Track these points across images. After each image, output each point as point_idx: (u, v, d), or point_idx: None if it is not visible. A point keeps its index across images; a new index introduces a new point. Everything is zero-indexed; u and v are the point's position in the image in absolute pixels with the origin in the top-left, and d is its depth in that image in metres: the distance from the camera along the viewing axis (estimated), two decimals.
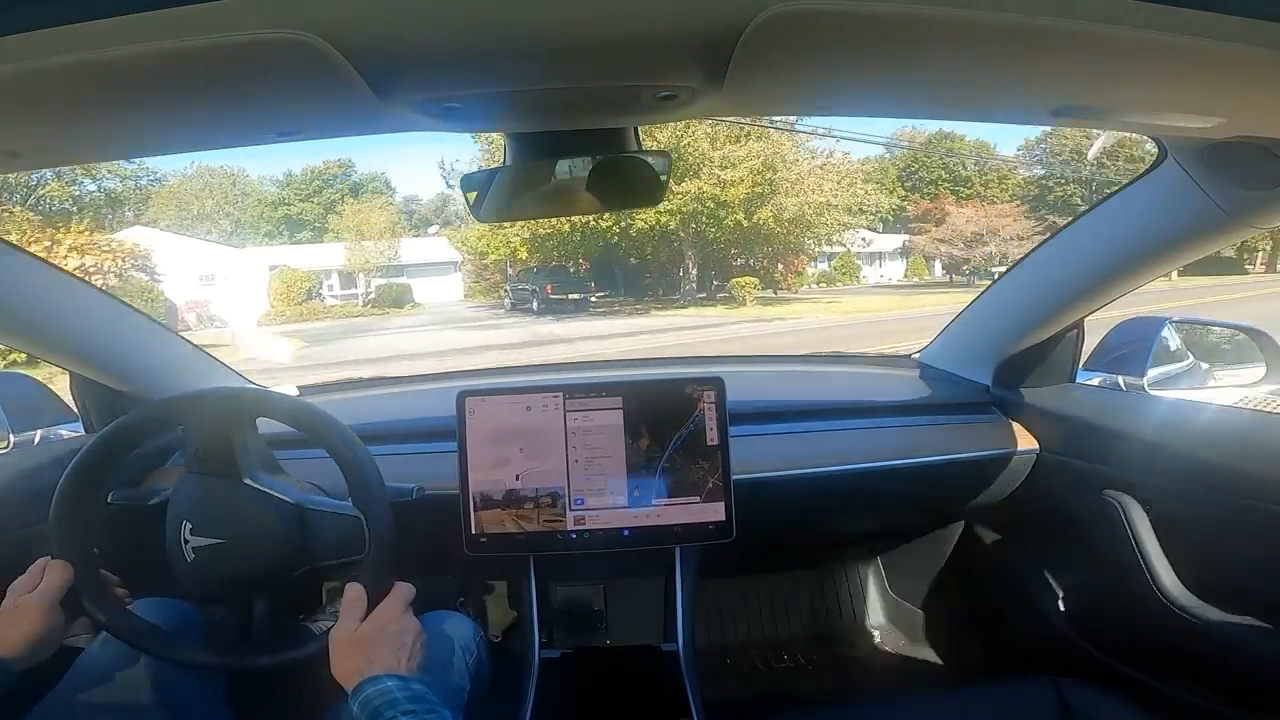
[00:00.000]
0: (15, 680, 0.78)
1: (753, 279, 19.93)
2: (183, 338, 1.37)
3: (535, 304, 19.00)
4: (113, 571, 0.94)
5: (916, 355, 1.68)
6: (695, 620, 1.30)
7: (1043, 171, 32.51)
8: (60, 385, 1.35)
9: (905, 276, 30.88)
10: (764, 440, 1.36)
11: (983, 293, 1.48)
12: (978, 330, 1.51)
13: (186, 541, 0.90)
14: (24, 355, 1.19)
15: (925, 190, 32.35)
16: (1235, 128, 0.73)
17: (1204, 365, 1.45)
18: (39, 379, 1.38)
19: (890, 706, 1.02)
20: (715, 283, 21.98)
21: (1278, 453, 1.01)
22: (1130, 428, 1.20)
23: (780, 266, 22.02)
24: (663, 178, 0.82)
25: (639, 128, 0.81)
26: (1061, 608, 1.39)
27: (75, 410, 1.32)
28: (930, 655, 1.66)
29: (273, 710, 1.06)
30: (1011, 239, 25.27)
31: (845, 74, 0.60)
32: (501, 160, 0.82)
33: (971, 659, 1.61)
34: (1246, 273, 33.61)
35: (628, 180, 0.82)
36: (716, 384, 1.22)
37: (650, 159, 0.81)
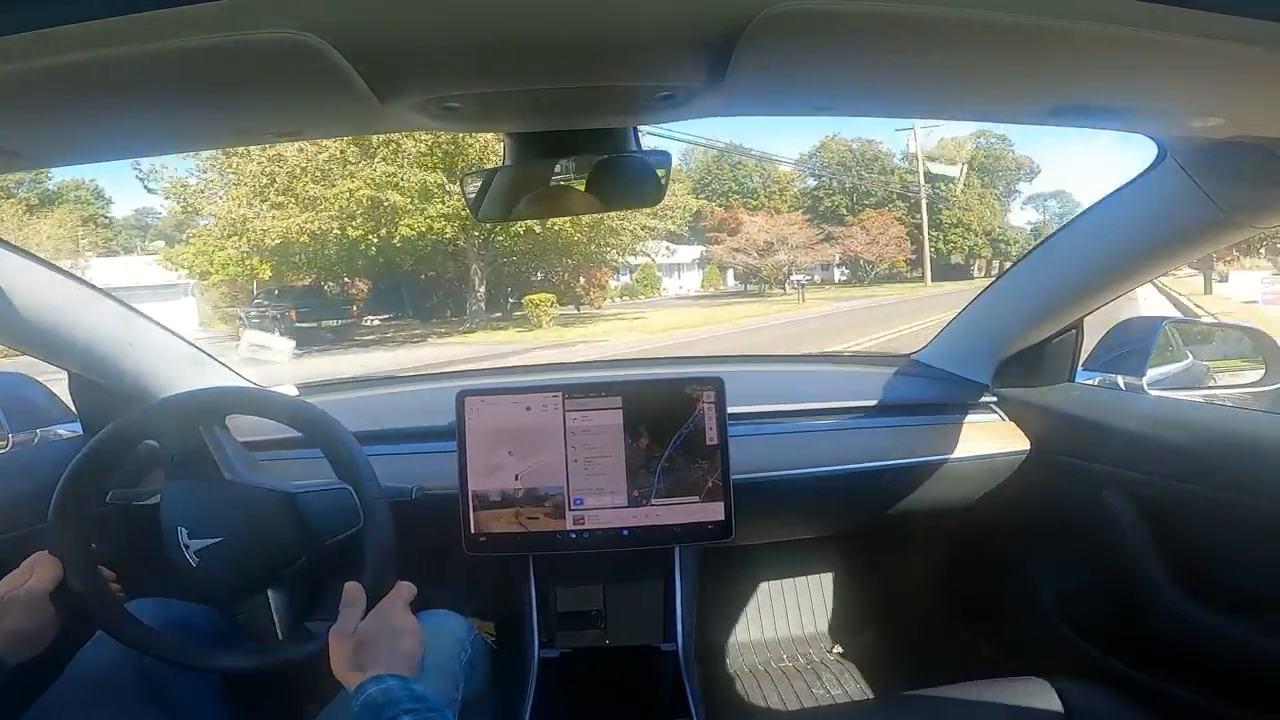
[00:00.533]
0: (6, 675, 0.78)
1: (548, 296, 17.07)
2: (182, 338, 1.36)
3: (277, 333, 14.59)
4: (112, 571, 0.94)
5: (915, 355, 1.68)
6: (694, 620, 1.31)
7: (815, 182, 34.12)
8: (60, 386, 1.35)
9: (702, 287, 31.05)
10: (763, 440, 1.36)
11: (983, 292, 1.48)
12: (976, 330, 1.51)
13: (187, 546, 0.90)
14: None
15: (718, 201, 33.31)
16: (1234, 127, 0.73)
17: (1203, 365, 1.45)
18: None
19: (889, 705, 1.02)
20: (511, 301, 19.45)
21: (1275, 452, 1.01)
22: (1129, 427, 1.20)
23: (582, 280, 19.98)
24: (662, 177, 0.82)
25: (638, 128, 0.81)
26: (1060, 607, 1.39)
27: (74, 410, 1.32)
28: (929, 654, 1.66)
29: (267, 709, 1.06)
30: (799, 247, 25.99)
31: (845, 73, 0.60)
32: (501, 160, 0.82)
33: (970, 658, 1.61)
34: (974, 278, 35.96)
35: (627, 180, 0.82)
36: (716, 384, 1.22)
37: (650, 158, 0.81)
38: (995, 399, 1.46)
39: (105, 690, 0.88)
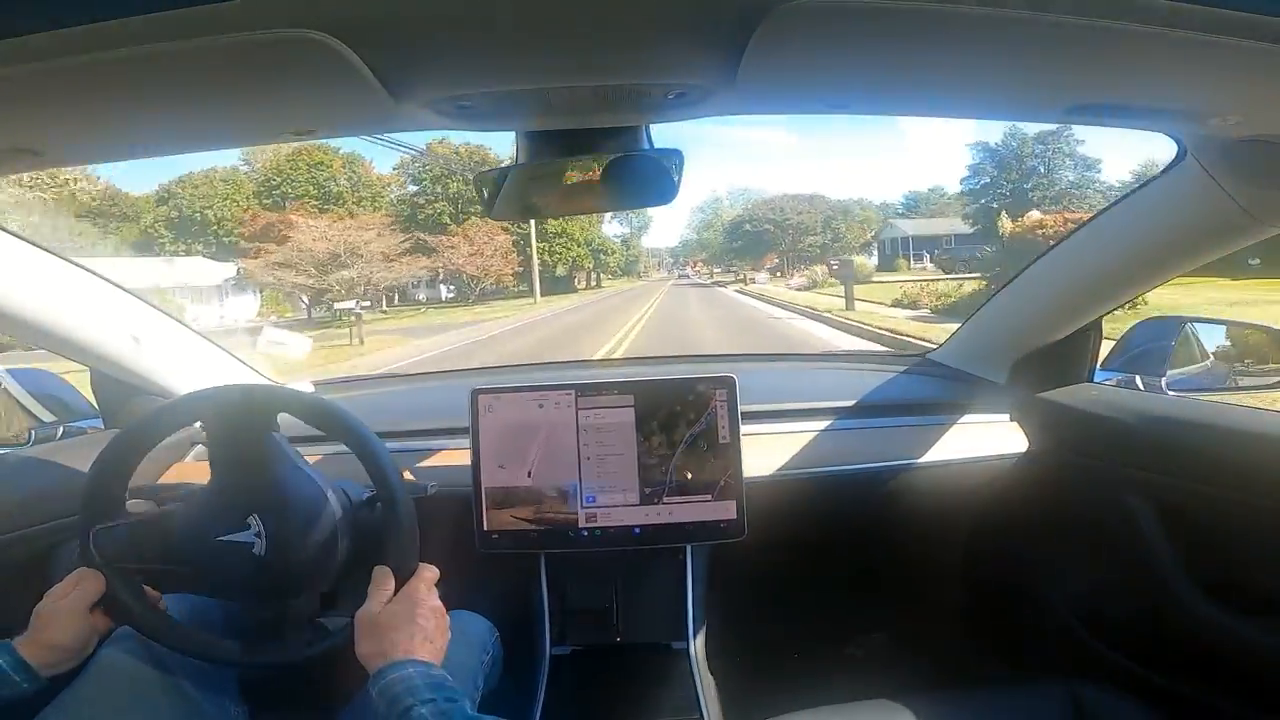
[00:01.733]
0: (45, 684, 0.80)
1: None
2: (201, 334, 1.38)
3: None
4: (139, 570, 0.94)
5: (930, 354, 1.67)
6: (706, 618, 1.31)
7: (416, 188, 31.44)
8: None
9: (260, 314, 24.00)
10: (776, 439, 1.36)
11: (999, 290, 1.47)
12: (993, 329, 1.50)
13: (251, 536, 0.88)
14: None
15: (290, 208, 26.87)
16: (1255, 126, 0.72)
17: (1224, 366, 1.43)
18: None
19: (902, 708, 1.02)
20: None
21: None
22: (1148, 428, 1.19)
23: None
24: (675, 176, 0.82)
25: (651, 126, 0.81)
26: (1075, 609, 1.37)
27: (95, 406, 1.34)
28: (943, 657, 1.64)
29: (285, 707, 1.07)
30: (378, 258, 20.66)
31: (859, 70, 0.60)
32: (515, 158, 0.82)
33: (984, 660, 1.59)
34: (577, 290, 34.59)
35: (641, 178, 0.82)
36: (728, 382, 1.22)
37: (663, 157, 0.81)
38: (1011, 399, 1.44)
39: (127, 687, 0.88)
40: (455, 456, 1.28)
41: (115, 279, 1.18)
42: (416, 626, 0.81)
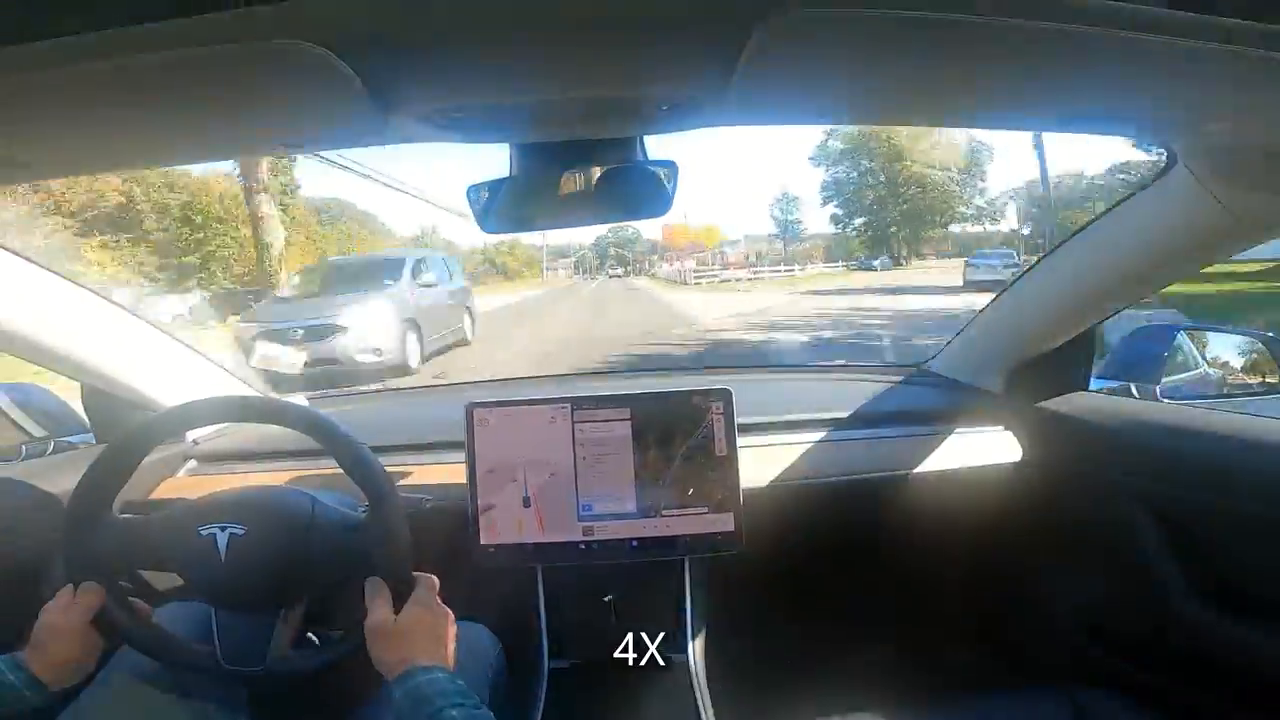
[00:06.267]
0: (54, 700, 0.79)
1: None
2: (192, 348, 1.37)
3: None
4: (127, 581, 0.93)
5: (926, 364, 1.67)
6: (704, 631, 1.30)
7: None
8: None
9: None
10: (773, 450, 1.35)
11: (993, 300, 1.47)
12: (988, 338, 1.50)
13: (215, 540, 0.86)
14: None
15: None
16: (1245, 133, 0.73)
17: (1217, 373, 1.44)
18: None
19: (904, 717, 1.01)
20: None
21: None
22: (1144, 436, 1.19)
23: None
24: (670, 187, 0.82)
25: (645, 137, 0.81)
26: (1076, 617, 1.37)
27: (87, 420, 1.33)
28: (943, 665, 1.64)
29: (296, 719, 1.06)
30: None
31: (852, 81, 0.60)
32: (509, 170, 0.82)
33: (985, 669, 1.59)
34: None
35: (635, 190, 0.82)
36: (725, 395, 1.21)
37: (657, 169, 0.81)
38: (1007, 407, 1.44)
39: (138, 699, 0.88)
40: (451, 471, 1.27)
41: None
42: (433, 634, 0.81)
